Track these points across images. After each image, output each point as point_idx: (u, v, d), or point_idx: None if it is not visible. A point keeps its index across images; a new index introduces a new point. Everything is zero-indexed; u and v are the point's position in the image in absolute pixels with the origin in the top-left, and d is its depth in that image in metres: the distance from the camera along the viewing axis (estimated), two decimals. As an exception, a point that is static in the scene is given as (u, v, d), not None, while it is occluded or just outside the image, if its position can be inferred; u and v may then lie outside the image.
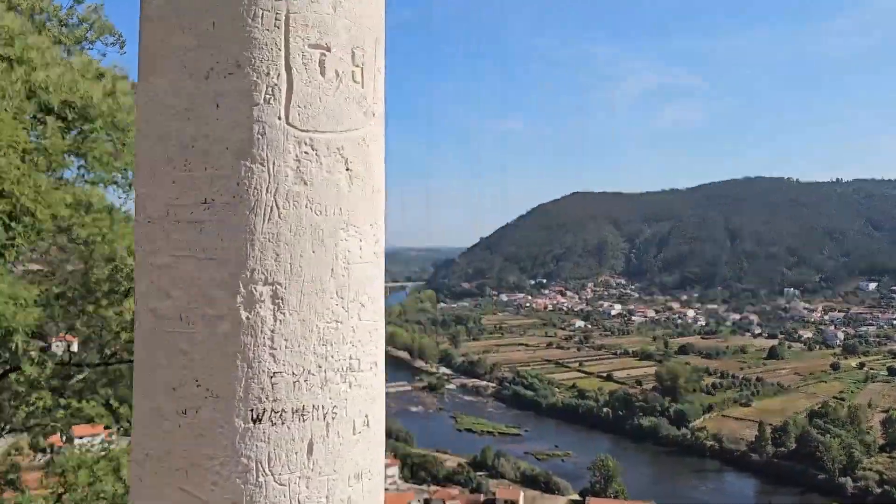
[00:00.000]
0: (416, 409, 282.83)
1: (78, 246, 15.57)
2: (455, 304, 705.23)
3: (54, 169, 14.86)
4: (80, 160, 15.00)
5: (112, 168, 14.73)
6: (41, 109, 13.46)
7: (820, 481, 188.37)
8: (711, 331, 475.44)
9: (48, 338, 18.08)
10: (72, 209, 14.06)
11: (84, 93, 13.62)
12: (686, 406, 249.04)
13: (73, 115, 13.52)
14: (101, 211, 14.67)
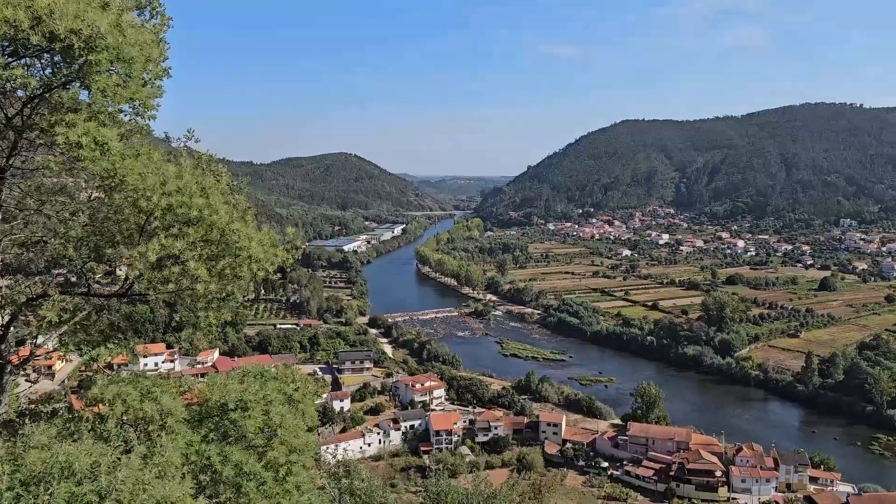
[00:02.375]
0: (462, 334, 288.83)
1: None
2: (502, 233, 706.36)
3: None
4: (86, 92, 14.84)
5: (120, 98, 14.56)
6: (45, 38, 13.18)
7: (867, 413, 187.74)
8: (761, 261, 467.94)
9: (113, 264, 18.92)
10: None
11: (91, 22, 13.19)
12: (732, 336, 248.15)
13: (79, 43, 13.28)
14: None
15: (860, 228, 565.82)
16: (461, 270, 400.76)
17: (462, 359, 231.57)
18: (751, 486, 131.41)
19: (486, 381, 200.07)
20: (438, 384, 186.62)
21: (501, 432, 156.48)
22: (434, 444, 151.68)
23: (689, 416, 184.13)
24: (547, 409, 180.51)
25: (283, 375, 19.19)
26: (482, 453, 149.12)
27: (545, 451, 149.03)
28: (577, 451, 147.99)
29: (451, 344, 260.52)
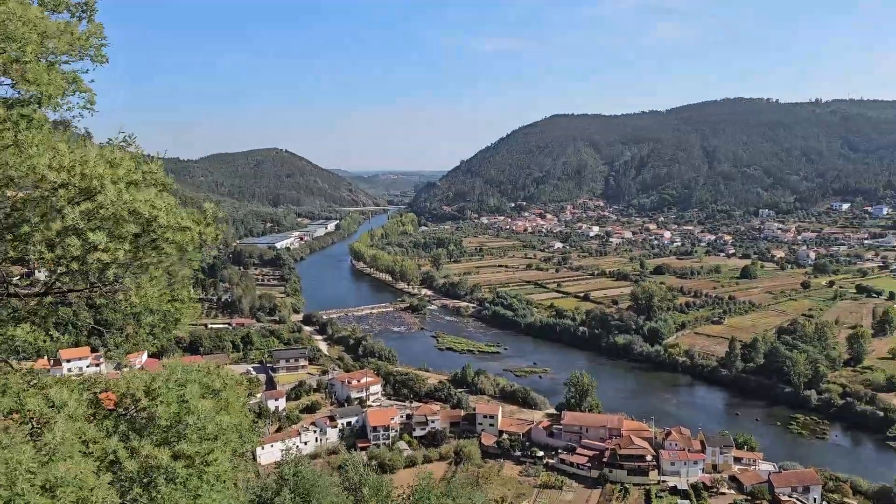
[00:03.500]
0: (398, 330, 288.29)
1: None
2: (436, 227, 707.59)
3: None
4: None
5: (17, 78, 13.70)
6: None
7: (786, 394, 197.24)
8: (687, 252, 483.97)
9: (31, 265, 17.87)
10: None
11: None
12: (660, 324, 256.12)
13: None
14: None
15: (777, 218, 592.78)
16: (396, 266, 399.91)
17: (398, 354, 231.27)
18: (679, 468, 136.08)
19: (422, 375, 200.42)
20: (375, 380, 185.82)
21: (439, 426, 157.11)
22: (371, 440, 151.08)
23: (620, 403, 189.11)
24: (483, 401, 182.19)
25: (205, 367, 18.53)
26: (420, 447, 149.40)
27: (482, 442, 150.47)
28: (514, 442, 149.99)
29: (387, 339, 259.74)
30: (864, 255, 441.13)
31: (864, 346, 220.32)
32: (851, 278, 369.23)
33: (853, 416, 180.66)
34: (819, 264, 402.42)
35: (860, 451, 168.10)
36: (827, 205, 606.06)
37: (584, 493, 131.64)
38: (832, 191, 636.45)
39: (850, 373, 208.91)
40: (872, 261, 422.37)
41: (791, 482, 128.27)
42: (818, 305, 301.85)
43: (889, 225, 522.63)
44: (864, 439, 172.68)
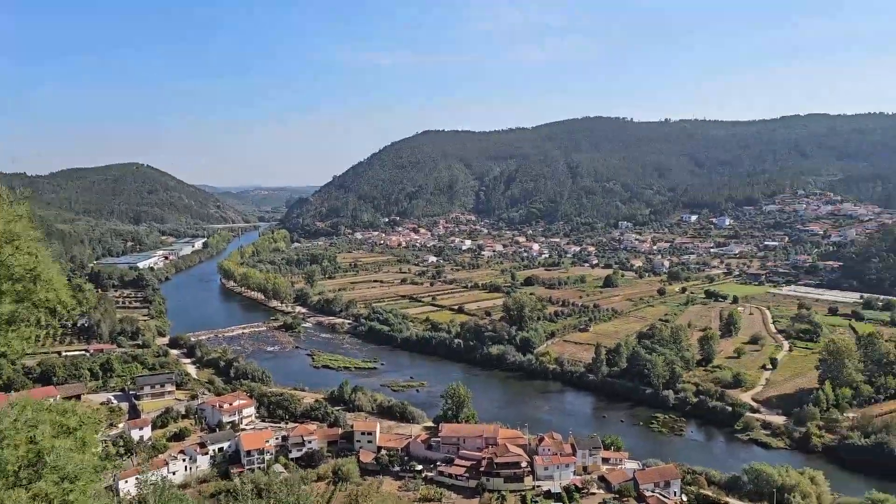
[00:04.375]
0: (272, 349, 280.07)
1: None
2: (310, 243, 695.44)
3: None
4: None
5: None
6: None
7: (647, 395, 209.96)
8: (554, 263, 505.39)
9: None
10: None
11: None
12: (531, 333, 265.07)
13: None
14: None
15: (635, 230, 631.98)
16: (268, 284, 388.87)
17: (272, 374, 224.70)
18: (553, 472, 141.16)
19: (298, 395, 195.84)
20: (248, 402, 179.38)
21: (316, 446, 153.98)
22: (245, 464, 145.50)
23: (496, 412, 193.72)
24: (361, 418, 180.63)
25: (59, 406, 17.47)
26: (297, 469, 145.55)
27: (360, 460, 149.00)
28: (392, 458, 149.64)
29: (261, 360, 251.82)
30: (711, 262, 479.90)
31: (714, 346, 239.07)
32: (701, 284, 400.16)
33: (706, 413, 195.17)
34: (672, 272, 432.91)
35: (713, 444, 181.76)
36: (678, 217, 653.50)
37: (463, 503, 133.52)
38: (682, 204, 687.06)
39: (702, 372, 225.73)
40: (718, 268, 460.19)
41: (654, 478, 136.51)
42: (673, 310, 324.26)
43: (731, 234, 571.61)
44: (716, 433, 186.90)
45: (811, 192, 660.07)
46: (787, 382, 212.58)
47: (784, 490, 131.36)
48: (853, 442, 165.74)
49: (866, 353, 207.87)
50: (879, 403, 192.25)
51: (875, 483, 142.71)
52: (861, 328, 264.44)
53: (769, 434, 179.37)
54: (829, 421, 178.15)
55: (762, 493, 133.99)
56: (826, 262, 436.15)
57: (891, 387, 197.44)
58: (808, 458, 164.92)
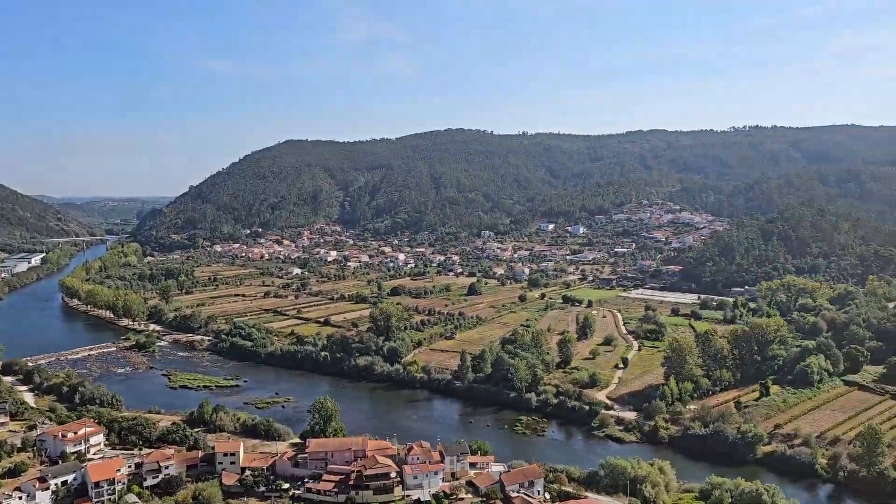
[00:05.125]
0: (123, 371, 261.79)
1: None
2: (165, 257, 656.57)
3: None
4: None
5: None
6: None
7: (511, 399, 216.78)
8: (420, 272, 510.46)
9: None
10: None
11: None
12: (398, 343, 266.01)
13: None
14: None
15: (497, 239, 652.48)
16: (118, 301, 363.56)
17: (124, 398, 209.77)
18: (422, 481, 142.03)
19: (153, 418, 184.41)
20: (96, 430, 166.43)
21: (174, 471, 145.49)
22: (94, 497, 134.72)
23: (364, 424, 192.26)
24: (223, 438, 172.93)
25: None
26: (152, 498, 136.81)
27: (223, 482, 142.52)
28: (258, 478, 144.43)
29: (110, 383, 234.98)
30: (567, 268, 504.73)
31: (572, 349, 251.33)
32: (559, 290, 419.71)
33: (566, 413, 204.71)
34: (532, 279, 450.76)
35: (572, 442, 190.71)
36: (536, 226, 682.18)
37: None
38: (540, 213, 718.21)
39: (561, 374, 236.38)
40: (574, 274, 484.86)
41: (518, 479, 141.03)
42: (533, 316, 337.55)
43: (585, 242, 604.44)
44: (575, 432, 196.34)
45: (654, 202, 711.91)
46: (637, 380, 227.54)
47: (637, 481, 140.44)
48: (695, 432, 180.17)
49: (704, 349, 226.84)
50: (716, 395, 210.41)
51: (714, 468, 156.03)
52: (699, 326, 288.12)
53: (622, 429, 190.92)
54: (674, 414, 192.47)
55: (617, 485, 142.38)
56: (668, 266, 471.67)
57: (725, 379, 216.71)
58: (656, 449, 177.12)
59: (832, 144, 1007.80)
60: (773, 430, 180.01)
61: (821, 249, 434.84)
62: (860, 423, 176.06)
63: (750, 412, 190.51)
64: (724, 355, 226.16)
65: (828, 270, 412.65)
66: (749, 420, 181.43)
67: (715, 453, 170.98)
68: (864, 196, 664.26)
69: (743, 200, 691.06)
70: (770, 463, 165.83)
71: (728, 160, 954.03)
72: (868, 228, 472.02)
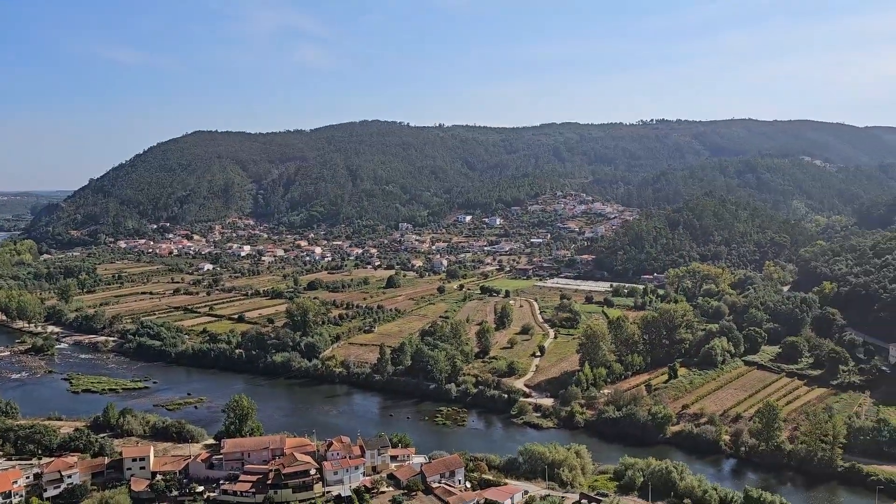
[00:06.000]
0: (18, 376, 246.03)
1: None
2: (63, 255, 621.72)
3: None
4: None
5: None
6: None
7: (431, 390, 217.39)
8: (337, 266, 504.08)
9: None
10: None
11: None
12: (316, 338, 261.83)
13: None
14: None
15: (415, 231, 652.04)
16: (11, 302, 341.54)
17: (20, 405, 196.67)
18: (343, 476, 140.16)
19: (53, 425, 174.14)
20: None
21: (77, 480, 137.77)
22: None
23: (282, 422, 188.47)
24: (132, 443, 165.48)
25: None
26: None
27: (132, 489, 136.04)
28: (170, 482, 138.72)
29: (5, 389, 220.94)
30: (485, 259, 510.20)
31: (490, 339, 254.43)
32: (476, 281, 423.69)
33: (485, 402, 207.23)
34: (451, 270, 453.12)
35: (492, 430, 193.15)
36: (454, 217, 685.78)
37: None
38: (457, 205, 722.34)
39: (480, 364, 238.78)
40: (491, 264, 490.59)
41: (439, 469, 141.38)
42: (452, 307, 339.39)
43: (502, 233, 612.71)
44: (495, 420, 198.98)
45: (568, 193, 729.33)
46: (554, 367, 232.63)
47: (554, 465, 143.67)
48: (608, 415, 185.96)
49: (616, 335, 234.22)
50: (628, 379, 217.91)
51: (627, 449, 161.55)
52: (611, 313, 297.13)
53: (540, 416, 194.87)
54: (589, 398, 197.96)
55: (536, 470, 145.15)
56: (582, 255, 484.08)
57: (636, 363, 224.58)
58: (573, 434, 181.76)
59: (731, 137, 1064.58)
60: (681, 410, 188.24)
61: (722, 237, 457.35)
62: (759, 401, 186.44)
63: (659, 394, 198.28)
64: (636, 340, 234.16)
65: (729, 257, 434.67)
66: (659, 402, 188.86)
67: (628, 435, 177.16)
68: (760, 186, 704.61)
69: (651, 191, 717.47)
70: (679, 442, 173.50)
71: (637, 152, 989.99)
72: (764, 217, 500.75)
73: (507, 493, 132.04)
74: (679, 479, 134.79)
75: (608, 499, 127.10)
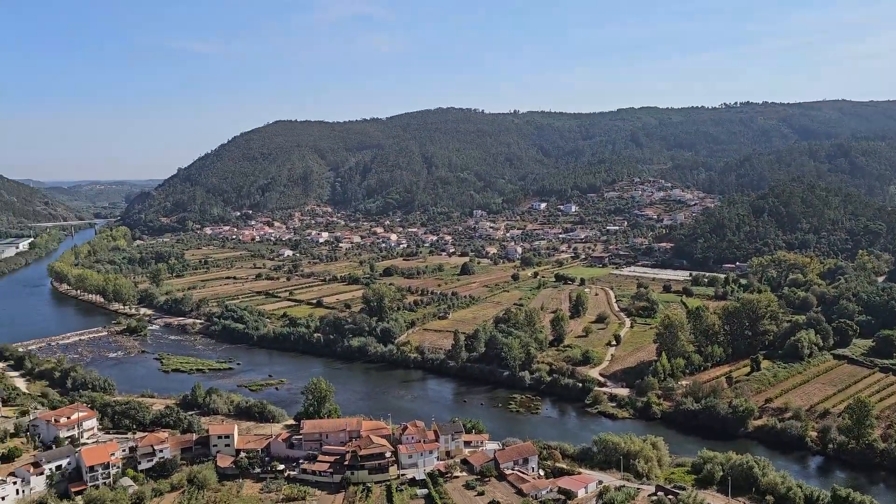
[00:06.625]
0: (115, 355, 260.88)
1: None
2: (154, 241, 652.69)
3: None
4: None
5: None
6: None
7: (505, 377, 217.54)
8: (412, 252, 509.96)
9: None
10: None
11: None
12: (391, 324, 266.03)
13: None
14: None
15: (489, 218, 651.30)
16: (108, 285, 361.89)
17: (117, 382, 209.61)
18: (417, 460, 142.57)
19: (146, 402, 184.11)
20: (89, 414, 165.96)
21: (168, 454, 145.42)
22: (88, 481, 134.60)
23: (358, 405, 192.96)
24: (217, 421, 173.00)
25: None
26: (147, 481, 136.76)
27: (218, 465, 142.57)
28: (252, 459, 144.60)
29: (102, 367, 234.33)
30: (560, 247, 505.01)
31: (564, 327, 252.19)
32: (551, 268, 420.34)
33: (559, 390, 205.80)
34: (525, 258, 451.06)
35: (566, 419, 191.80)
36: (529, 204, 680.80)
37: (328, 499, 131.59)
38: (532, 192, 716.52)
39: (554, 352, 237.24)
40: (566, 252, 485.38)
41: (513, 456, 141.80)
42: (526, 294, 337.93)
43: (577, 220, 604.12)
44: (569, 409, 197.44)
45: (646, 179, 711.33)
46: (630, 356, 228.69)
47: (630, 456, 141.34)
48: (686, 407, 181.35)
49: (695, 325, 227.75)
50: (707, 370, 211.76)
51: (705, 442, 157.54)
52: (690, 303, 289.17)
53: (615, 406, 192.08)
54: (666, 389, 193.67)
55: (610, 461, 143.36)
56: (660, 243, 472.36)
57: (716, 355, 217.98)
58: (649, 424, 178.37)
59: (822, 120, 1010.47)
60: (763, 404, 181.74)
61: (811, 225, 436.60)
62: (849, 397, 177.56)
63: (741, 387, 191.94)
64: (716, 331, 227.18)
65: (818, 246, 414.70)
66: (740, 395, 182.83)
67: (706, 428, 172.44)
68: (853, 171, 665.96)
69: (734, 177, 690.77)
70: (761, 437, 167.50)
71: (719, 137, 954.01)
72: (858, 203, 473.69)
73: (582, 483, 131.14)
74: (761, 475, 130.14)
75: (686, 492, 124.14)
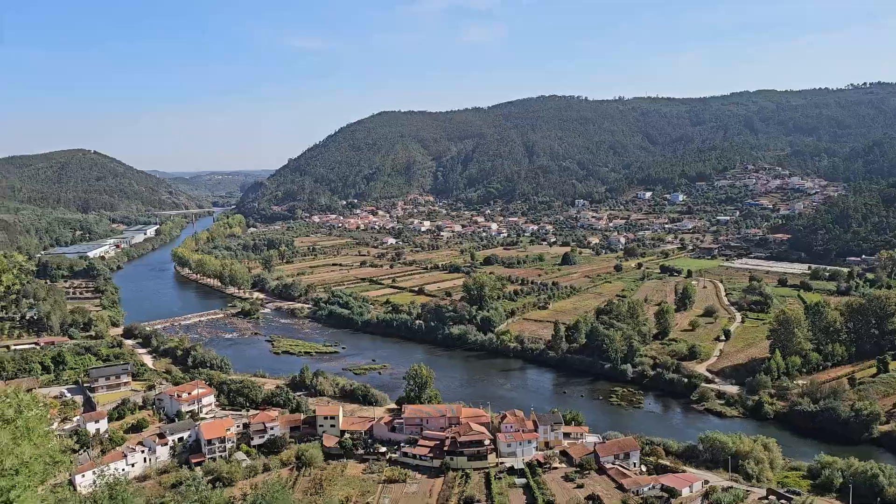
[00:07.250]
0: (230, 336, 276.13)
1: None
2: (266, 228, 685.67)
3: None
4: None
5: None
6: None
7: (606, 370, 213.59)
8: (513, 242, 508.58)
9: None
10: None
11: None
12: (492, 313, 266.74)
13: None
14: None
15: (591, 207, 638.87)
16: (224, 270, 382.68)
17: (232, 362, 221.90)
18: (516, 449, 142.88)
19: (258, 381, 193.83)
20: (207, 391, 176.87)
21: (278, 432, 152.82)
22: (207, 454, 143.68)
23: (458, 391, 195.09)
24: (323, 402, 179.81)
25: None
26: (259, 456, 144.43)
27: (324, 444, 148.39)
28: (356, 441, 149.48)
29: (219, 347, 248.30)
30: (665, 237, 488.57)
31: (669, 320, 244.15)
32: (656, 259, 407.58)
33: (663, 385, 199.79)
34: (628, 248, 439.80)
35: (670, 415, 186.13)
36: (633, 194, 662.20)
37: (428, 483, 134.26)
38: (636, 181, 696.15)
39: (658, 345, 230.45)
40: (672, 243, 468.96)
41: (613, 450, 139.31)
42: (629, 286, 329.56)
43: (685, 210, 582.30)
44: (673, 404, 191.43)
45: (761, 167, 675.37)
46: (740, 353, 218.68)
47: (738, 457, 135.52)
48: (803, 408, 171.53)
49: (814, 322, 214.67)
50: (827, 370, 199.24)
51: (823, 446, 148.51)
52: (809, 298, 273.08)
53: (723, 403, 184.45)
54: (780, 389, 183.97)
55: (717, 460, 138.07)
56: (775, 235, 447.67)
57: (837, 354, 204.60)
58: (760, 425, 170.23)
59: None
60: (891, 408, 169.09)
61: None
62: None
63: (866, 389, 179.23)
64: (837, 328, 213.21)
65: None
66: (865, 397, 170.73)
67: (825, 431, 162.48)
68: None
69: (861, 164, 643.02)
70: (888, 443, 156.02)
71: (844, 120, 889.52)
72: None
73: (686, 481, 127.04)
74: (888, 485, 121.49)
75: (800, 497, 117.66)
